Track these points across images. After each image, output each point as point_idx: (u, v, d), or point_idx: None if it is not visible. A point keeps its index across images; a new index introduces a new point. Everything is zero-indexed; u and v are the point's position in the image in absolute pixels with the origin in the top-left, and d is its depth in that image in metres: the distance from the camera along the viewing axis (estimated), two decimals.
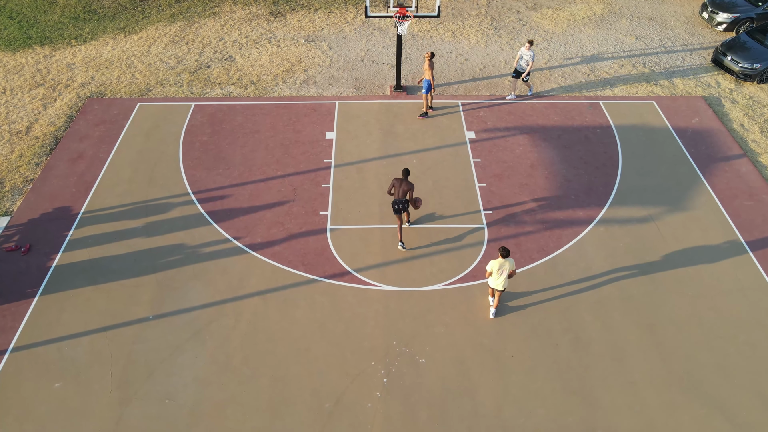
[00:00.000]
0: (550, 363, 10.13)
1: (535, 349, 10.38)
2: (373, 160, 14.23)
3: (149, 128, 15.02)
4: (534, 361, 10.16)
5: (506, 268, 10.16)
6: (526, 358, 10.24)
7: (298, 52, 18.09)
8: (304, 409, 9.40)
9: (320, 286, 11.40)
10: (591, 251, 12.15)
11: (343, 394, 9.67)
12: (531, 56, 15.36)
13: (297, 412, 9.36)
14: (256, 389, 9.69)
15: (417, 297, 11.23)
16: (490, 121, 15.45)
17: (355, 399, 9.59)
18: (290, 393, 9.66)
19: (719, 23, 19.36)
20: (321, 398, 9.59)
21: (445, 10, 20.39)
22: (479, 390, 9.72)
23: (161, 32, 18.94)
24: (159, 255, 11.93)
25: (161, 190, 13.35)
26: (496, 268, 10.15)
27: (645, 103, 16.19)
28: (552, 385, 9.81)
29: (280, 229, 12.50)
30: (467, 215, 12.87)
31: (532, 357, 10.24)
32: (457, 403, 9.53)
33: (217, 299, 11.13)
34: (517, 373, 10.00)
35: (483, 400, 9.58)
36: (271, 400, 9.56)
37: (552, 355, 10.27)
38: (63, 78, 16.80)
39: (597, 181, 13.79)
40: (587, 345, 10.44)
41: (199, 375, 9.92)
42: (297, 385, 9.77)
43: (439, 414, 9.36)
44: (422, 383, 9.81)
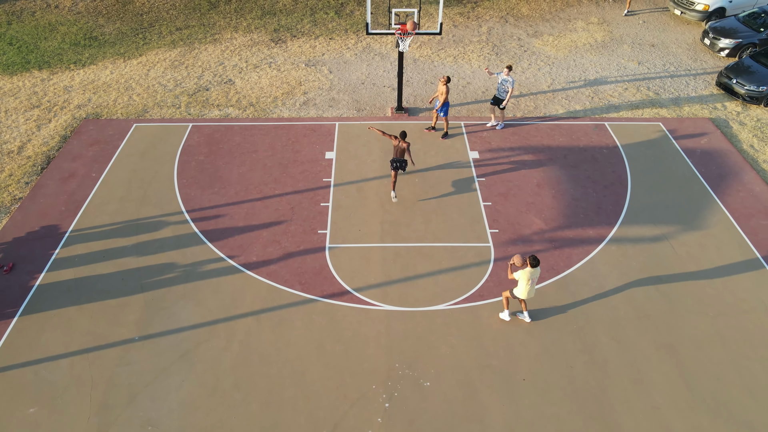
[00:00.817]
0: (565, 385, 9.40)
1: (549, 370, 9.65)
2: (373, 179, 13.78)
3: (145, 148, 14.64)
4: (547, 384, 9.42)
5: (536, 277, 9.77)
6: (538, 380, 9.50)
7: (299, 76, 17.91)
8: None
9: (318, 306, 10.75)
10: (603, 270, 11.54)
11: (341, 419, 8.91)
12: (511, 82, 14.76)
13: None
14: (247, 414, 8.93)
15: (420, 317, 10.56)
16: (494, 142, 15.08)
17: (354, 425, 8.82)
18: (284, 418, 8.89)
19: (721, 49, 19.27)
20: (317, 424, 8.82)
21: (447, 36, 20.37)
22: (489, 415, 8.96)
23: (161, 57, 18.84)
24: (148, 274, 11.32)
25: (154, 208, 12.85)
26: (527, 279, 9.66)
27: (651, 124, 15.86)
28: (568, 408, 9.05)
29: (276, 248, 11.93)
30: (472, 234, 12.32)
31: (545, 379, 9.51)
32: (464, 429, 8.75)
33: (208, 319, 10.47)
34: (530, 396, 9.25)
35: (493, 426, 8.81)
36: (263, 426, 8.79)
37: (567, 377, 9.53)
38: (59, 100, 16.55)
39: (606, 199, 13.29)
40: (604, 366, 9.72)
41: (185, 399, 9.18)
42: (291, 409, 9.01)
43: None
44: (427, 408, 9.05)
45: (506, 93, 14.86)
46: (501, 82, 14.86)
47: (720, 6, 21.10)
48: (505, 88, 14.82)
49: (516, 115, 16.17)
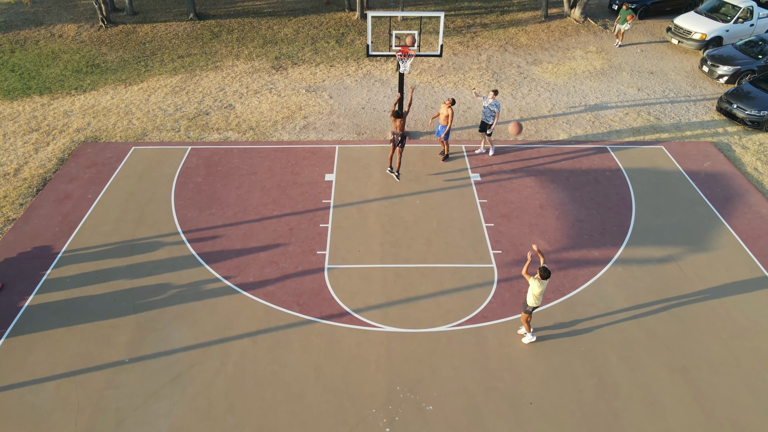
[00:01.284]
0: (575, 409, 8.96)
1: (557, 394, 9.22)
2: (374, 201, 13.56)
3: (142, 170, 14.48)
4: (556, 408, 8.98)
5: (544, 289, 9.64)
6: (546, 404, 9.06)
7: (299, 101, 17.91)
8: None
9: (316, 327, 10.37)
10: (610, 291, 11.20)
11: None
12: (496, 106, 14.35)
13: None
14: None
15: (422, 338, 10.18)
16: (496, 165, 14.93)
17: None
18: None
19: (720, 76, 19.35)
20: None
21: (447, 63, 20.49)
22: None
23: (162, 83, 18.89)
24: (141, 295, 10.98)
25: (150, 229, 12.59)
26: (539, 288, 9.38)
27: (653, 148, 15.75)
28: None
29: (274, 269, 11.62)
30: (475, 255, 12.03)
31: (553, 403, 9.07)
32: None
33: (202, 341, 10.08)
34: (538, 421, 8.80)
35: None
36: None
37: (576, 401, 9.10)
38: (59, 124, 16.49)
39: (611, 221, 13.04)
40: (615, 389, 9.29)
41: (175, 424, 8.73)
42: None
43: None
44: None
45: (492, 117, 14.49)
46: (487, 106, 14.47)
47: (717, 35, 21.31)
48: (492, 112, 14.45)
49: (517, 139, 16.07)
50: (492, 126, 14.59)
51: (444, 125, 14.31)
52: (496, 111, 14.41)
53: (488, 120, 14.61)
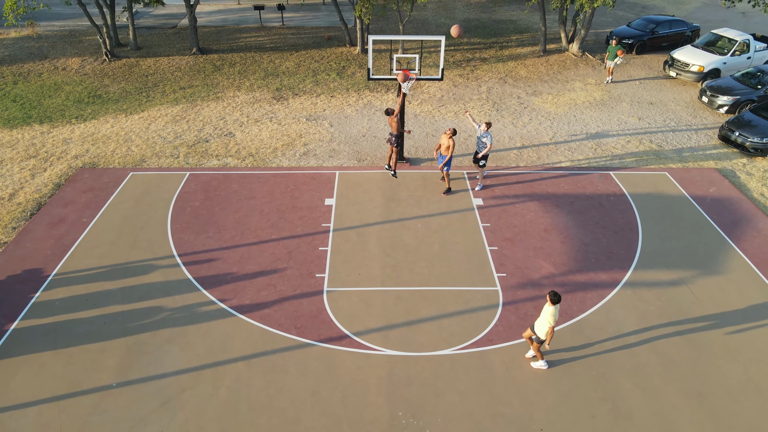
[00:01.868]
0: None
1: (568, 420, 8.70)
2: (374, 225, 13.28)
3: (139, 195, 14.25)
4: None
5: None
6: (557, 430, 8.53)
7: (299, 129, 17.86)
8: None
9: (314, 351, 9.92)
10: (620, 314, 10.79)
11: None
12: (488, 138, 13.99)
13: None
14: None
15: (425, 362, 9.71)
16: (498, 189, 14.72)
17: None
18: None
19: (720, 106, 19.38)
20: None
21: (447, 94, 20.57)
22: None
23: (163, 113, 18.90)
24: (133, 318, 10.56)
25: (144, 252, 12.26)
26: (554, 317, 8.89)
27: (657, 174, 15.57)
28: None
29: (271, 291, 11.23)
30: (479, 278, 11.66)
31: (565, 429, 8.55)
32: None
33: (195, 365, 9.61)
34: None
35: None
36: None
37: (589, 427, 8.57)
38: (57, 151, 16.38)
39: (617, 245, 12.72)
40: (629, 416, 8.78)
41: None
42: None
43: None
44: None
45: (484, 146, 14.07)
46: (480, 137, 14.09)
47: (715, 67, 21.49)
48: (483, 144, 14.08)
49: (519, 165, 15.92)
50: (481, 155, 14.12)
51: (444, 155, 14.08)
52: (487, 143, 13.99)
53: (480, 149, 14.26)
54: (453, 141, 13.86)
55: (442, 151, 14.01)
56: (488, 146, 14.02)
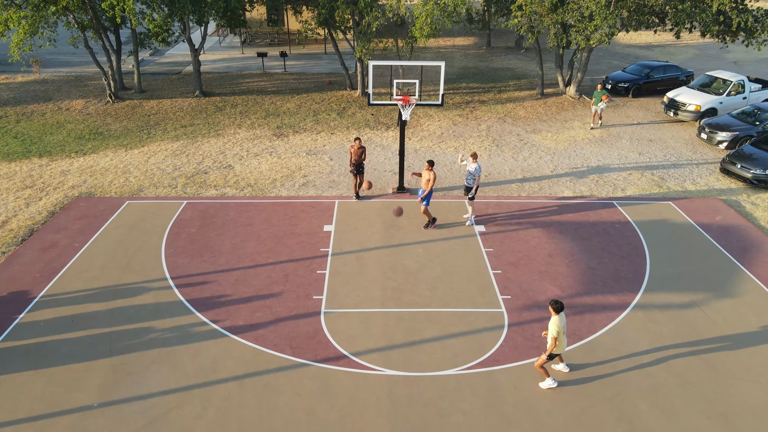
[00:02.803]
0: None
1: None
2: (374, 249, 12.93)
3: (134, 221, 13.97)
4: None
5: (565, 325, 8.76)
6: None
7: (299, 162, 17.80)
8: None
9: (310, 371, 9.35)
10: (632, 336, 10.27)
11: None
12: (477, 170, 13.49)
13: None
14: None
15: (428, 382, 9.13)
16: (500, 217, 14.45)
17: None
18: None
19: (720, 142, 19.42)
20: None
21: (447, 132, 20.67)
22: None
23: (163, 147, 18.90)
24: (120, 338, 10.04)
25: (136, 275, 11.84)
26: (560, 329, 8.49)
27: (661, 203, 15.35)
28: None
29: (266, 312, 10.76)
30: (483, 300, 11.21)
31: None
32: None
33: (183, 385, 9.03)
34: None
35: None
36: None
37: None
38: (54, 182, 16.22)
39: (625, 269, 12.33)
40: None
41: None
42: None
43: None
44: None
45: (473, 180, 13.57)
46: (468, 170, 13.68)
47: (711, 107, 21.71)
48: (472, 176, 13.59)
49: (521, 195, 15.72)
50: (473, 190, 13.61)
51: (424, 189, 13.43)
52: (476, 176, 13.52)
53: (470, 184, 13.75)
54: (433, 174, 13.35)
55: (422, 185, 13.46)
56: (477, 178, 13.49)
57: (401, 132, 14.65)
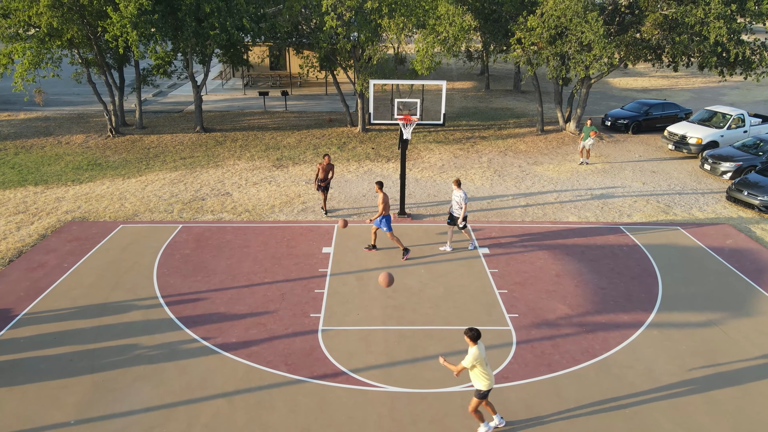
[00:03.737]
0: None
1: None
2: (375, 270, 12.44)
3: (127, 243, 13.53)
4: None
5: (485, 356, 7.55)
6: None
7: (298, 190, 17.51)
8: None
9: (306, 387, 8.72)
10: (649, 354, 9.66)
11: None
12: (461, 197, 12.88)
13: None
14: None
15: (432, 399, 8.48)
16: (505, 240, 14.02)
17: None
18: None
19: (723, 172, 19.21)
20: None
21: (448, 163, 20.50)
22: None
23: (161, 177, 18.67)
24: (104, 355, 9.44)
25: (125, 293, 11.32)
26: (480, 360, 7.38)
27: (670, 228, 14.95)
28: None
29: (260, 330, 10.18)
30: (489, 318, 10.64)
31: None
32: None
33: (168, 402, 8.39)
34: None
35: None
36: None
37: None
38: (48, 207, 15.88)
39: (636, 289, 11.81)
40: None
41: None
42: None
43: None
44: None
45: (460, 209, 12.93)
46: (453, 198, 13.07)
47: (713, 140, 21.64)
48: (459, 204, 12.95)
49: (524, 219, 15.35)
50: (460, 219, 12.90)
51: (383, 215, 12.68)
52: (462, 203, 12.87)
53: (456, 212, 13.08)
54: (383, 195, 12.55)
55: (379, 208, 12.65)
56: (464, 206, 12.84)
57: (402, 153, 14.42)
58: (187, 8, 19.23)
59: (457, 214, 13.02)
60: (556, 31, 19.00)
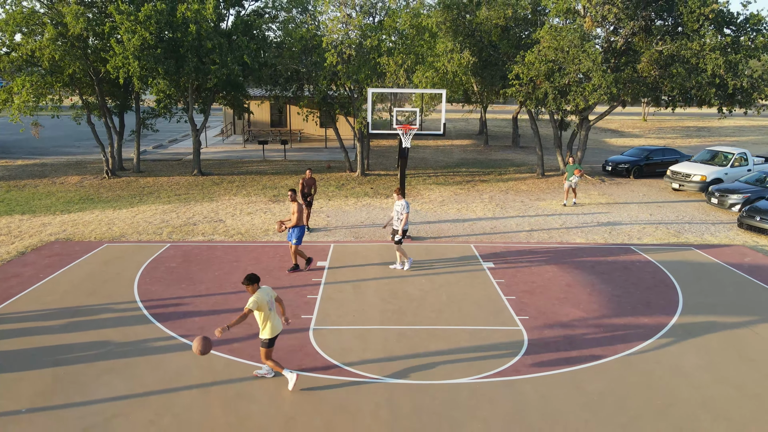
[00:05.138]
0: None
1: None
2: (372, 279, 11.61)
3: (110, 258, 12.78)
4: None
5: (272, 300, 7.39)
6: None
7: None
8: None
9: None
10: (676, 350, 8.71)
11: None
12: (403, 206, 11.81)
13: None
14: None
15: (436, 390, 7.49)
16: (511, 257, 13.27)
17: None
18: None
19: (732, 204, 18.69)
20: None
21: (449, 198, 20.02)
22: None
23: (153, 208, 18.12)
24: (69, 350, 8.49)
25: (101, 299, 10.45)
26: (264, 304, 7.19)
27: (684, 249, 14.23)
28: None
29: (245, 328, 9.26)
30: (497, 320, 9.74)
31: None
32: None
33: (137, 392, 7.39)
34: None
35: None
36: None
37: None
38: (31, 230, 15.22)
39: (655, 297, 10.95)
40: None
41: None
42: None
43: None
44: None
45: (399, 222, 11.84)
46: (395, 209, 12.02)
47: (717, 177, 21.30)
48: (399, 213, 11.87)
49: (530, 241, 14.64)
50: (399, 230, 11.83)
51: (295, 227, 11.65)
52: (403, 213, 11.76)
53: (396, 224, 12.02)
54: (297, 205, 11.53)
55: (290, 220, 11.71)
56: (404, 216, 11.78)
57: (402, 166, 13.98)
58: (189, 45, 19.48)
59: (397, 225, 11.97)
60: (554, 64, 19.14)
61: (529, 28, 22.22)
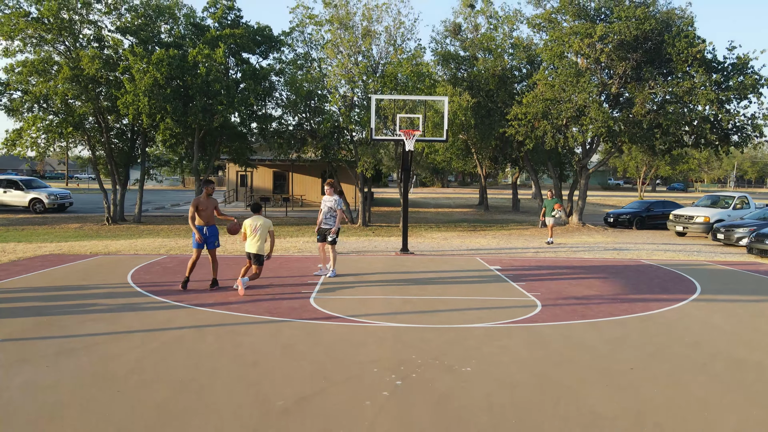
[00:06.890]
0: (696, 371, 5.44)
1: (667, 363, 5.75)
2: (374, 285, 11.16)
3: (105, 263, 12.36)
4: (673, 376, 5.47)
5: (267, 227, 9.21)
6: (649, 373, 5.56)
7: (295, 242, 16.60)
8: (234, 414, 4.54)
9: (292, 324, 7.18)
10: (697, 315, 8.19)
11: (312, 395, 4.84)
12: (336, 202, 10.44)
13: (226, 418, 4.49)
14: (150, 397, 4.90)
15: (446, 330, 6.93)
16: (517, 263, 12.86)
17: (338, 401, 4.74)
18: (214, 399, 4.84)
19: (739, 238, 18.43)
20: (271, 400, 4.75)
21: (452, 237, 19.78)
22: (581, 401, 4.91)
23: (153, 240, 17.84)
24: (55, 307, 7.96)
25: (93, 281, 9.97)
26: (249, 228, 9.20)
27: (696, 263, 13.82)
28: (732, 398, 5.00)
29: (242, 297, 8.75)
30: (508, 295, 9.23)
31: (664, 370, 5.58)
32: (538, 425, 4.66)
33: (119, 330, 6.84)
34: (646, 388, 5.25)
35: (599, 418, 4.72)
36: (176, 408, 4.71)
37: (698, 363, 5.60)
38: (27, 249, 14.87)
39: (672, 284, 10.48)
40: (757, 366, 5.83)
41: (37, 380, 5.18)
42: (227, 390, 5.00)
43: None
44: (467, 394, 5.04)
45: (333, 219, 10.42)
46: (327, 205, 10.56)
47: (720, 218, 21.20)
48: (332, 212, 10.48)
49: (537, 258, 14.26)
50: (333, 230, 10.46)
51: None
52: (336, 208, 10.37)
53: (329, 223, 10.60)
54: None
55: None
56: (338, 212, 10.41)
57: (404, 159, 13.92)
58: (198, 87, 20.17)
59: (329, 224, 10.51)
60: (551, 102, 19.66)
61: (525, 81, 23.12)
